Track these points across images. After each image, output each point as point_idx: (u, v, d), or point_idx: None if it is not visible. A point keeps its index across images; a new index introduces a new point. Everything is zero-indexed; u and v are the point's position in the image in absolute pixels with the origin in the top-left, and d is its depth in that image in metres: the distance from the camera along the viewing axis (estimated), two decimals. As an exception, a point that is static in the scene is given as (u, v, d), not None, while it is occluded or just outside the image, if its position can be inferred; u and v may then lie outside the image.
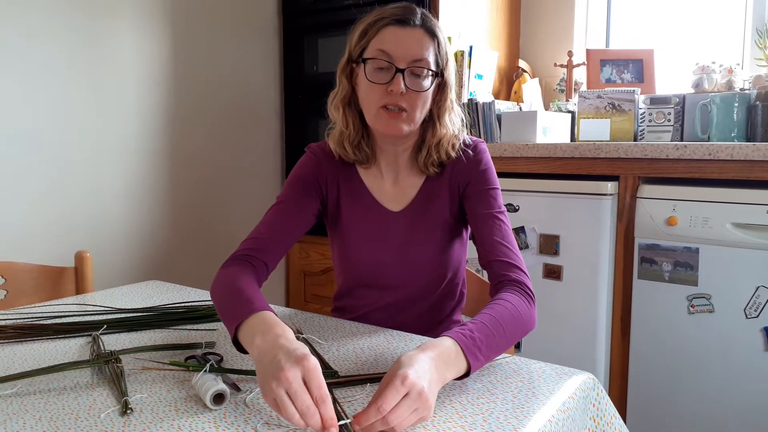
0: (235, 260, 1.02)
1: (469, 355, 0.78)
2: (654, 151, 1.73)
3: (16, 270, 1.37)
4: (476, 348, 0.79)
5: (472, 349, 0.78)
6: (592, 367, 1.85)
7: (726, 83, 2.09)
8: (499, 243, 1.03)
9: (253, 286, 0.92)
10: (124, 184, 2.16)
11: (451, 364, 0.76)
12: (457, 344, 0.78)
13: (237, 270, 0.97)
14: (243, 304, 0.84)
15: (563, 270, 1.89)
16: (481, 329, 0.82)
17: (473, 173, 1.11)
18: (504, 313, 0.88)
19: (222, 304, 0.91)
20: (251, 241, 1.05)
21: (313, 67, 2.61)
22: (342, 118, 1.11)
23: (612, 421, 0.87)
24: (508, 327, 0.86)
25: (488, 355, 0.82)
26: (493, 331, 0.83)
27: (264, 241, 1.05)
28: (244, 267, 0.99)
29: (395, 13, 1.04)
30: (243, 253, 1.03)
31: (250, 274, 0.97)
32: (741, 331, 1.62)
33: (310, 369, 0.67)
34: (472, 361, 0.78)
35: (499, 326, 0.85)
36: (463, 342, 0.78)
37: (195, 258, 2.41)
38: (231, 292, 0.90)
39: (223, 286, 0.93)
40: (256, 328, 0.78)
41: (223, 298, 0.91)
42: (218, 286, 0.95)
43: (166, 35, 2.26)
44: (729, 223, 1.63)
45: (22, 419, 0.71)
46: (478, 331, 0.81)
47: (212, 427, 0.69)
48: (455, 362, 0.77)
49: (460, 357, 0.77)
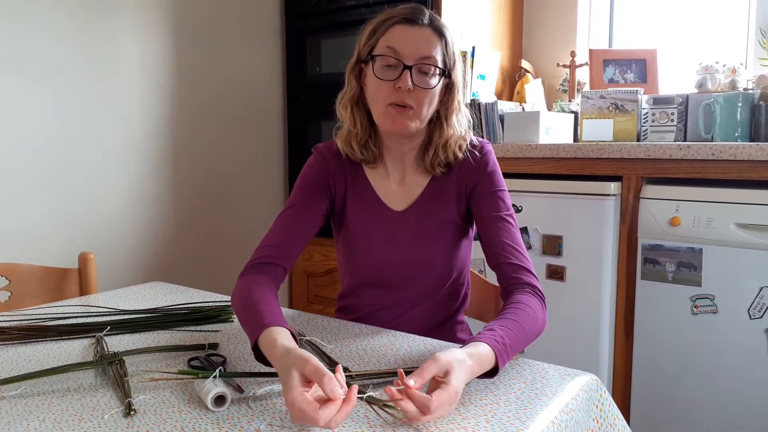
0: (253, 268, 1.04)
1: (500, 361, 0.82)
2: (657, 152, 1.73)
3: (20, 271, 1.38)
4: (505, 354, 0.84)
5: (503, 356, 0.83)
6: (595, 368, 1.84)
7: (729, 83, 2.08)
8: (509, 245, 1.05)
9: (265, 296, 0.94)
10: (128, 185, 2.17)
11: (483, 369, 0.80)
12: (494, 353, 0.81)
13: (253, 279, 1.00)
14: (255, 320, 0.87)
15: (566, 271, 1.89)
16: (510, 336, 0.86)
17: (481, 175, 1.12)
18: (526, 318, 0.93)
19: (241, 317, 0.93)
20: (266, 248, 1.07)
21: (316, 69, 2.61)
22: (350, 118, 1.12)
23: (615, 422, 0.87)
24: (529, 332, 0.92)
25: (510, 357, 0.86)
26: (519, 337, 0.88)
27: (278, 247, 1.07)
28: (260, 275, 1.01)
29: (404, 12, 1.06)
30: (260, 261, 1.05)
31: (265, 282, 0.99)
32: (745, 332, 1.62)
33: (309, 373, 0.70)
34: (500, 366, 0.82)
35: (523, 332, 0.90)
36: (497, 349, 0.82)
37: (198, 259, 2.42)
38: (247, 305, 0.93)
39: (240, 298, 0.96)
40: (266, 347, 0.81)
41: (241, 311, 0.94)
42: (237, 297, 0.98)
43: (170, 37, 2.26)
44: (732, 223, 1.62)
45: (26, 420, 0.71)
46: (508, 338, 0.85)
47: (215, 428, 0.69)
48: (486, 368, 0.81)
49: (492, 363, 0.81)
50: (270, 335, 0.81)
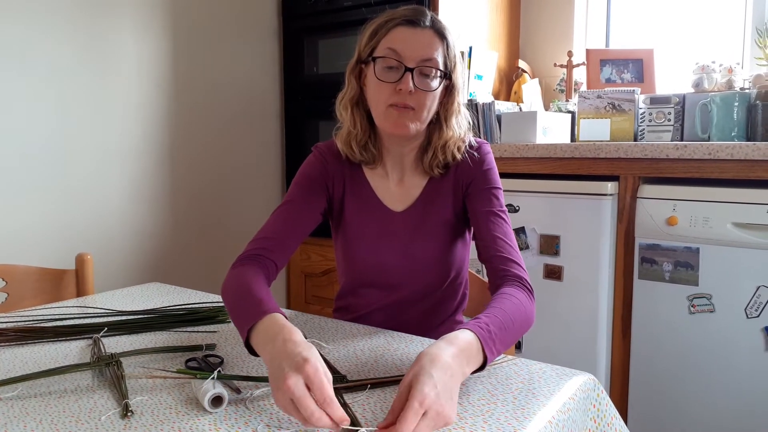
0: (245, 260, 1.02)
1: (486, 349, 0.79)
2: (654, 151, 1.73)
3: (17, 272, 1.37)
4: (492, 342, 0.80)
5: (489, 342, 0.80)
6: (592, 367, 1.84)
7: (726, 83, 2.09)
8: (499, 239, 1.04)
9: (262, 286, 0.93)
10: (125, 186, 2.17)
11: (472, 358, 0.77)
12: (477, 338, 0.79)
13: (246, 271, 0.97)
14: (252, 307, 0.85)
15: (564, 270, 1.89)
16: (495, 323, 0.83)
17: (477, 173, 1.12)
18: (513, 308, 0.90)
19: (232, 306, 0.91)
20: (260, 240, 1.06)
21: (313, 69, 2.61)
22: (350, 118, 1.12)
23: (612, 422, 0.87)
24: (516, 322, 0.88)
25: (500, 349, 0.83)
26: (505, 325, 0.85)
27: (272, 240, 1.05)
28: (253, 267, 0.99)
29: (405, 14, 1.05)
30: (252, 253, 1.03)
31: (259, 274, 0.98)
32: (742, 331, 1.62)
33: (310, 374, 0.67)
34: (489, 356, 0.79)
35: (510, 321, 0.87)
36: (482, 336, 0.79)
37: (196, 260, 2.42)
38: (240, 294, 0.91)
39: (232, 288, 0.94)
40: (264, 334, 0.79)
41: (233, 300, 0.92)
42: (228, 287, 0.96)
43: (167, 37, 2.26)
44: (729, 222, 1.63)
45: (23, 422, 0.71)
46: (492, 324, 0.83)
47: (212, 429, 0.69)
48: (475, 357, 0.78)
49: (479, 351, 0.78)
50: (270, 321, 0.80)
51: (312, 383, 0.67)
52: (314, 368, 0.68)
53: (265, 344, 0.77)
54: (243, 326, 0.83)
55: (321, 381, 0.67)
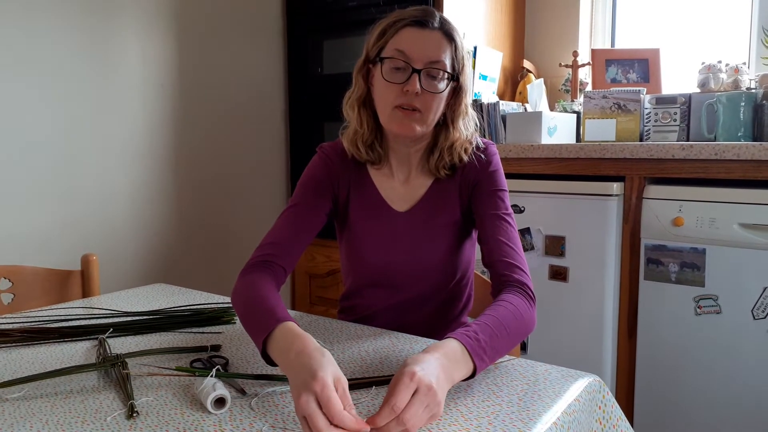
0: (254, 267, 1.02)
1: (474, 356, 0.78)
2: (660, 152, 1.72)
3: (23, 273, 1.38)
4: (481, 349, 0.80)
5: (476, 350, 0.79)
6: (598, 369, 1.84)
7: (732, 82, 2.08)
8: (504, 243, 1.04)
9: (273, 294, 0.93)
10: (130, 186, 2.17)
11: (458, 363, 0.76)
12: (462, 345, 0.78)
13: (256, 278, 0.98)
14: (264, 317, 0.85)
15: (569, 271, 1.89)
16: (485, 330, 0.83)
17: (483, 174, 1.11)
18: (506, 314, 0.89)
19: (245, 316, 0.92)
20: (267, 246, 1.06)
21: (317, 69, 2.61)
22: (356, 118, 1.12)
23: (618, 423, 0.86)
24: (510, 328, 0.87)
25: (492, 356, 0.82)
26: (496, 332, 0.84)
27: (280, 245, 1.06)
28: (262, 274, 1.00)
29: (414, 15, 1.05)
30: (261, 259, 1.03)
31: (269, 281, 0.98)
32: (748, 332, 1.61)
33: (318, 392, 0.66)
34: (478, 362, 0.79)
35: (501, 327, 0.86)
36: (467, 343, 0.79)
37: (201, 261, 2.42)
38: (252, 304, 0.91)
39: (243, 297, 0.94)
40: (277, 346, 0.79)
41: (244, 309, 0.92)
42: (239, 296, 0.96)
43: (171, 37, 2.27)
44: (736, 223, 1.62)
45: (29, 423, 0.72)
46: (481, 332, 0.82)
47: (217, 430, 0.69)
48: (462, 363, 0.77)
49: (466, 358, 0.78)
50: (283, 331, 0.80)
51: (321, 400, 0.66)
52: (322, 385, 0.66)
53: (281, 356, 0.78)
54: (257, 337, 0.84)
55: (328, 398, 0.65)
